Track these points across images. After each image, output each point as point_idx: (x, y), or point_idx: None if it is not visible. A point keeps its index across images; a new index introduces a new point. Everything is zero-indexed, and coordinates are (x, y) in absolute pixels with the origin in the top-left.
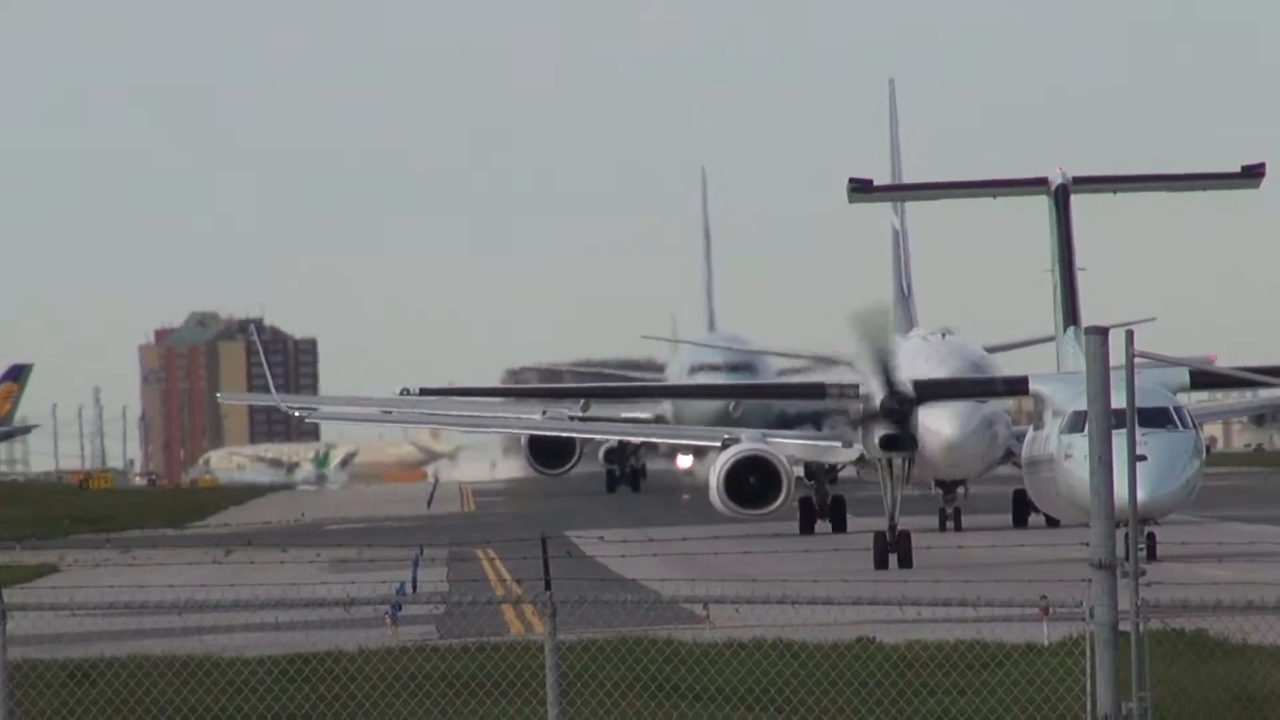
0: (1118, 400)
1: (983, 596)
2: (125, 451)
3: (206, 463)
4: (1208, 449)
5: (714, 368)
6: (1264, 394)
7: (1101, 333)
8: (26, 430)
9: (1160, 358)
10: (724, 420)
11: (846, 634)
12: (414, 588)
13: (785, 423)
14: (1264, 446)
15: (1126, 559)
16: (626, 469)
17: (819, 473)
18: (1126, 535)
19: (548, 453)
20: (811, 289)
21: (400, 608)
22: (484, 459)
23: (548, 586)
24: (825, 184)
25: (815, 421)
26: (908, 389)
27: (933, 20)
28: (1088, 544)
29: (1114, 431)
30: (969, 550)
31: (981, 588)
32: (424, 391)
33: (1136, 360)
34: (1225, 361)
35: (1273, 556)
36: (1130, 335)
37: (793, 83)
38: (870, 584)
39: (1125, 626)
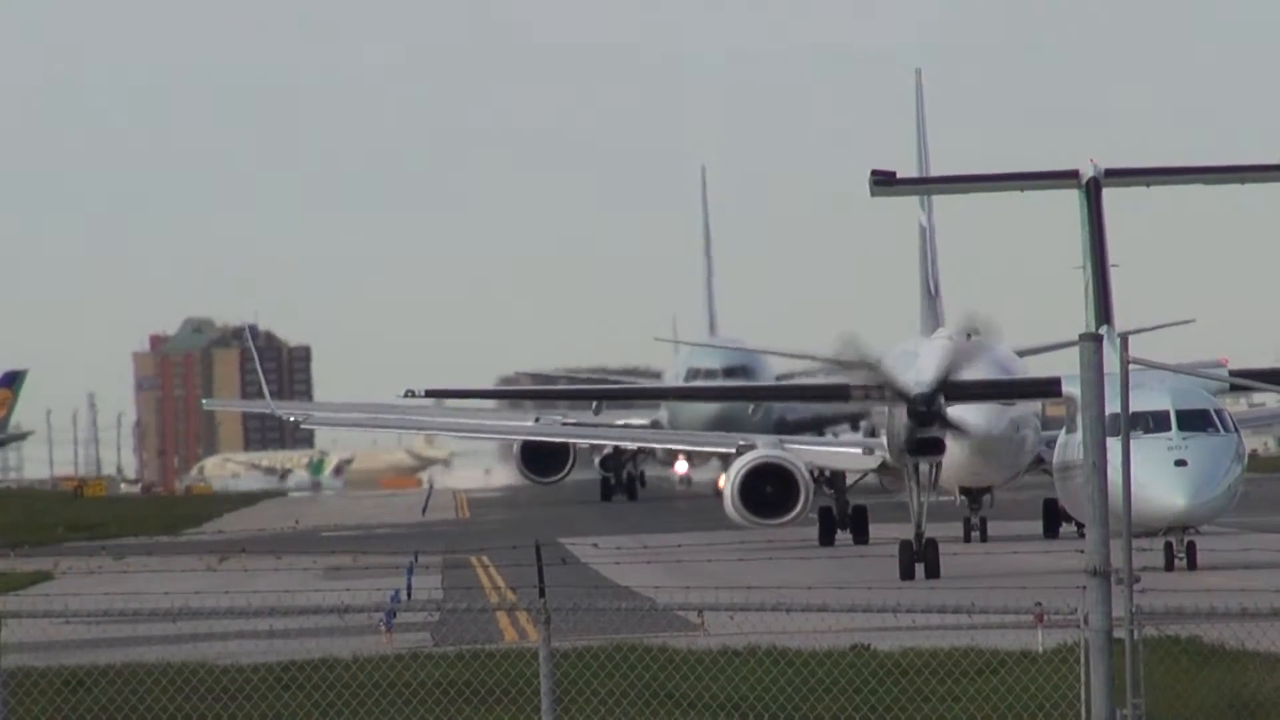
0: (1154, 403)
1: (977, 603)
2: (120, 458)
3: (201, 470)
4: None
5: (710, 372)
6: (1257, 398)
7: (1095, 339)
8: (21, 437)
9: (1155, 365)
10: (720, 425)
11: (841, 641)
12: (408, 595)
13: (785, 429)
14: (1259, 452)
15: (1166, 567)
16: (623, 476)
17: (836, 480)
18: (1168, 543)
19: (541, 461)
20: (813, 292)
21: (395, 615)
22: (478, 466)
23: (542, 594)
24: (829, 185)
25: (816, 428)
26: (925, 388)
27: (940, 17)
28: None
29: (1151, 436)
30: (969, 558)
31: (976, 594)
32: (429, 393)
33: (1175, 364)
34: (1248, 363)
35: (1267, 565)
36: (1125, 340)
37: (794, 82)
38: (865, 591)
39: (1120, 633)
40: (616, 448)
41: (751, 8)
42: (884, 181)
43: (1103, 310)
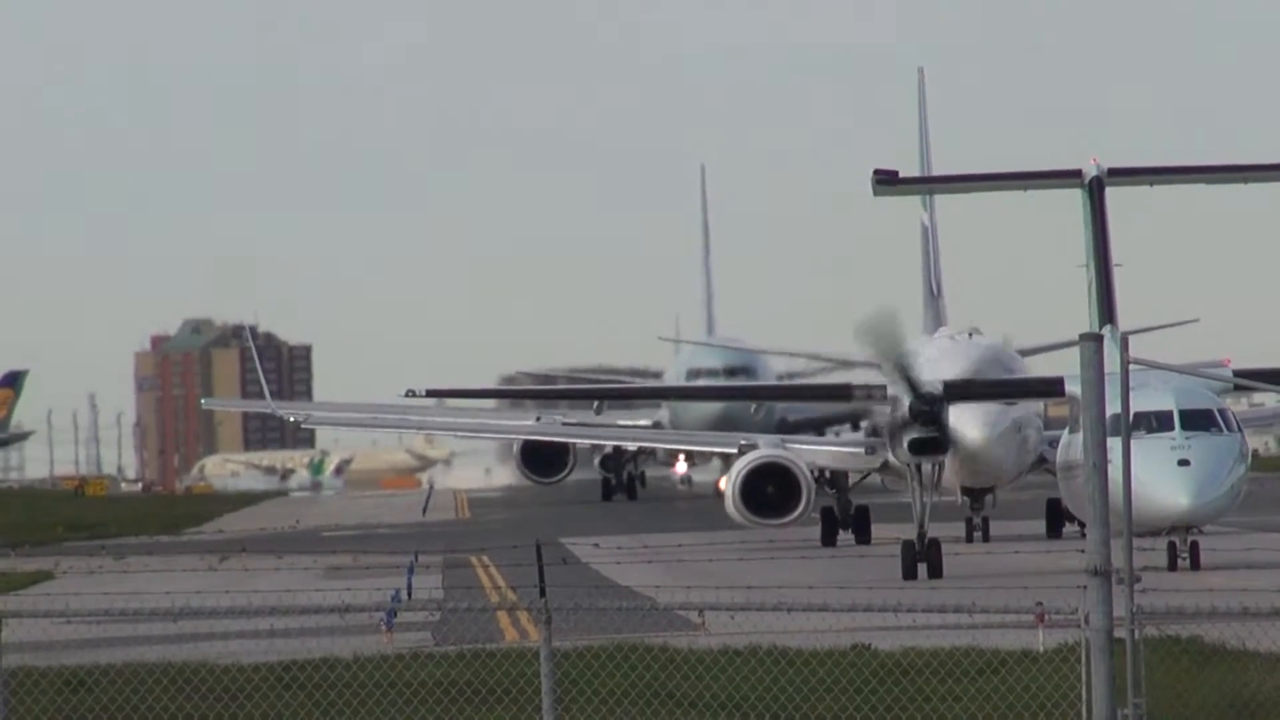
0: (1157, 403)
1: (978, 603)
2: (120, 458)
3: (201, 469)
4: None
5: (712, 372)
6: (1258, 397)
7: (1096, 339)
8: (23, 437)
9: (1158, 365)
10: (722, 425)
11: (842, 641)
12: (409, 594)
13: (785, 429)
14: (1259, 452)
15: (1169, 567)
16: (623, 476)
17: (838, 480)
18: (1172, 543)
19: (541, 461)
20: (813, 292)
21: (395, 614)
22: (479, 466)
23: (543, 593)
24: (829, 185)
25: (817, 428)
26: (936, 389)
27: (940, 17)
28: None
29: (1154, 436)
30: (971, 558)
31: (977, 594)
32: (430, 393)
33: (1179, 363)
34: (1252, 363)
35: (1270, 565)
36: (1125, 340)
37: (794, 82)
38: (865, 591)
39: (1121, 633)
40: (617, 448)
41: (751, 8)
42: (887, 181)
43: (1106, 310)
